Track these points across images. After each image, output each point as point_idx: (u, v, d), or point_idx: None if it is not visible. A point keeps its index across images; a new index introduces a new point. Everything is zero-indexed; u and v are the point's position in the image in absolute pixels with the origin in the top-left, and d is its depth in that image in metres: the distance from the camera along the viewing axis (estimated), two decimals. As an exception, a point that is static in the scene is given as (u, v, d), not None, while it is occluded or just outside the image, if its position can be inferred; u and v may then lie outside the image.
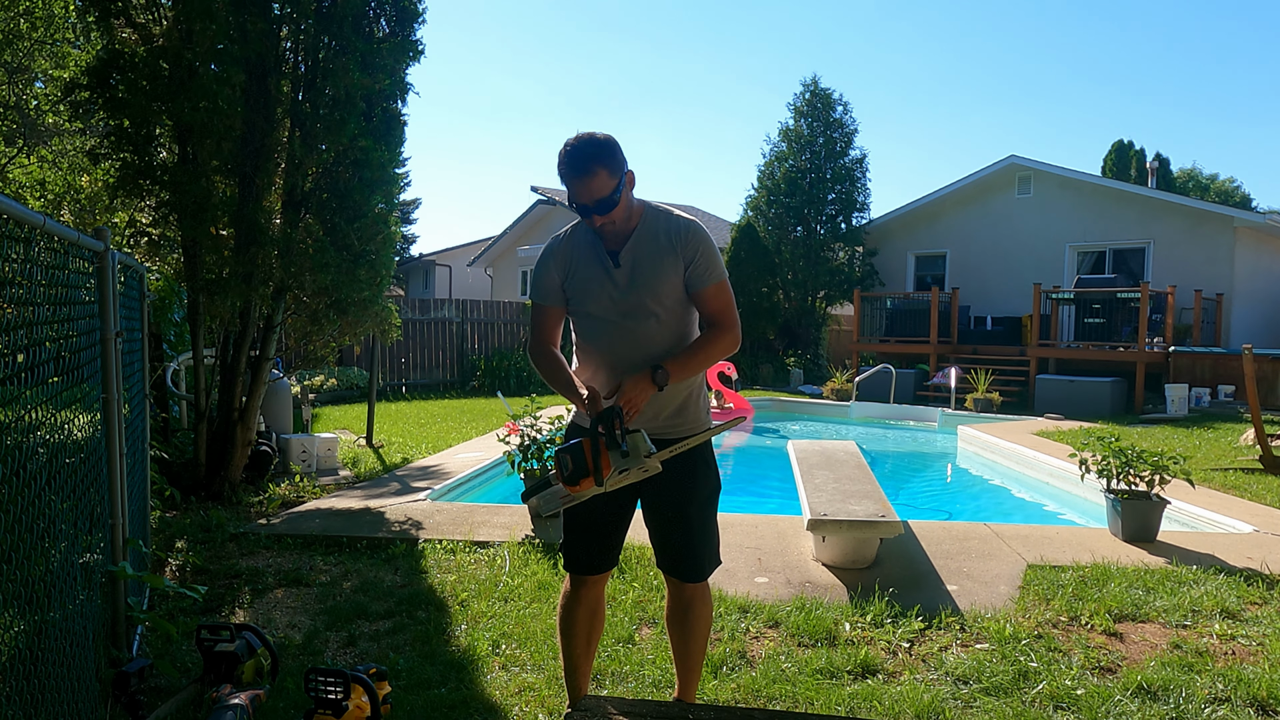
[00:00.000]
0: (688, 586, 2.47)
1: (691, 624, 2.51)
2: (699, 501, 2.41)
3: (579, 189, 2.17)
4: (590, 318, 2.37)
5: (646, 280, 2.29)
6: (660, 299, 2.30)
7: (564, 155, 2.17)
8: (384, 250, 6.25)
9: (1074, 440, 8.22)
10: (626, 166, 2.22)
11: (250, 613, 3.73)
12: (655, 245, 2.30)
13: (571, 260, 2.39)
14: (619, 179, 2.19)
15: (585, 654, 2.57)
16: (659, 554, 2.50)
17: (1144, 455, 4.82)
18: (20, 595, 1.96)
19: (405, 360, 15.67)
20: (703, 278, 2.31)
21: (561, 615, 2.54)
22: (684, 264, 2.30)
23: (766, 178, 18.75)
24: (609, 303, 2.32)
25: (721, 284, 2.33)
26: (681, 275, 2.31)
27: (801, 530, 4.91)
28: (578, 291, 2.37)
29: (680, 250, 2.30)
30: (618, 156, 2.19)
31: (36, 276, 2.22)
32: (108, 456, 3.00)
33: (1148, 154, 28.92)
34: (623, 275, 2.31)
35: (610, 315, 2.33)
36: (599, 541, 2.47)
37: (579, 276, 2.37)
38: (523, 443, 5.36)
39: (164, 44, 5.32)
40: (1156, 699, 2.91)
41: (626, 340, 2.32)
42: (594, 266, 2.35)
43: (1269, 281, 15.59)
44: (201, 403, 5.90)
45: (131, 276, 4.02)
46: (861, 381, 13.81)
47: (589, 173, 2.15)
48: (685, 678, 2.60)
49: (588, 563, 2.48)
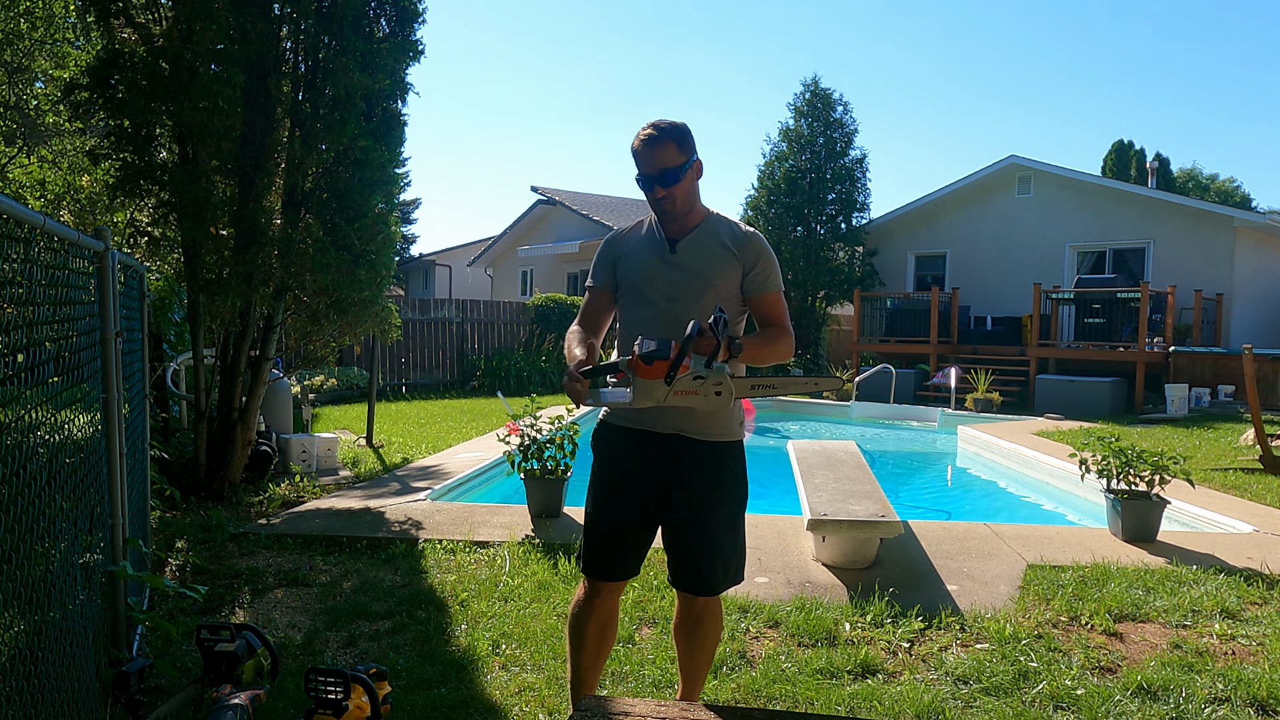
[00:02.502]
0: (699, 600, 2.40)
1: (700, 639, 2.45)
2: (722, 513, 2.33)
3: (647, 157, 2.23)
4: (637, 301, 2.36)
5: (701, 269, 2.31)
6: (714, 289, 2.30)
7: (642, 130, 2.26)
8: (384, 250, 6.25)
9: (1074, 440, 8.22)
10: (697, 154, 2.30)
11: (250, 613, 3.73)
12: (716, 243, 2.33)
13: (628, 245, 2.43)
14: (687, 159, 2.27)
15: (593, 666, 2.48)
16: (673, 568, 2.40)
17: (1144, 455, 4.82)
18: (20, 595, 1.95)
19: (405, 360, 15.67)
20: (764, 284, 2.35)
21: (571, 623, 2.46)
22: (743, 268, 2.33)
23: (766, 177, 18.74)
24: (659, 286, 2.32)
25: (780, 293, 2.37)
26: (738, 277, 2.33)
27: (801, 530, 4.91)
28: (629, 273, 2.38)
29: (740, 255, 2.32)
30: (690, 139, 2.29)
31: (36, 276, 2.22)
32: (108, 456, 3.00)
33: (1148, 154, 28.92)
34: (678, 261, 2.32)
35: (658, 299, 2.32)
36: (624, 543, 2.37)
37: (633, 259, 2.39)
38: (523, 443, 5.36)
39: (164, 44, 5.32)
40: (1156, 699, 2.91)
41: (670, 324, 2.26)
42: (650, 251, 2.37)
43: (1269, 281, 15.59)
44: (201, 403, 5.90)
45: (131, 276, 4.02)
46: (861, 381, 13.81)
47: (660, 142, 2.23)
48: (689, 685, 2.56)
49: (607, 566, 2.38)
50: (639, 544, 2.40)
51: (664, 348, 1.96)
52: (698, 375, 1.96)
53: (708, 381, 1.97)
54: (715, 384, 1.98)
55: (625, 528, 2.37)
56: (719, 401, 2.02)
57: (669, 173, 2.23)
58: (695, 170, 2.31)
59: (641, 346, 1.98)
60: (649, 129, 2.25)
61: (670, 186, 2.25)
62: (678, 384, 1.95)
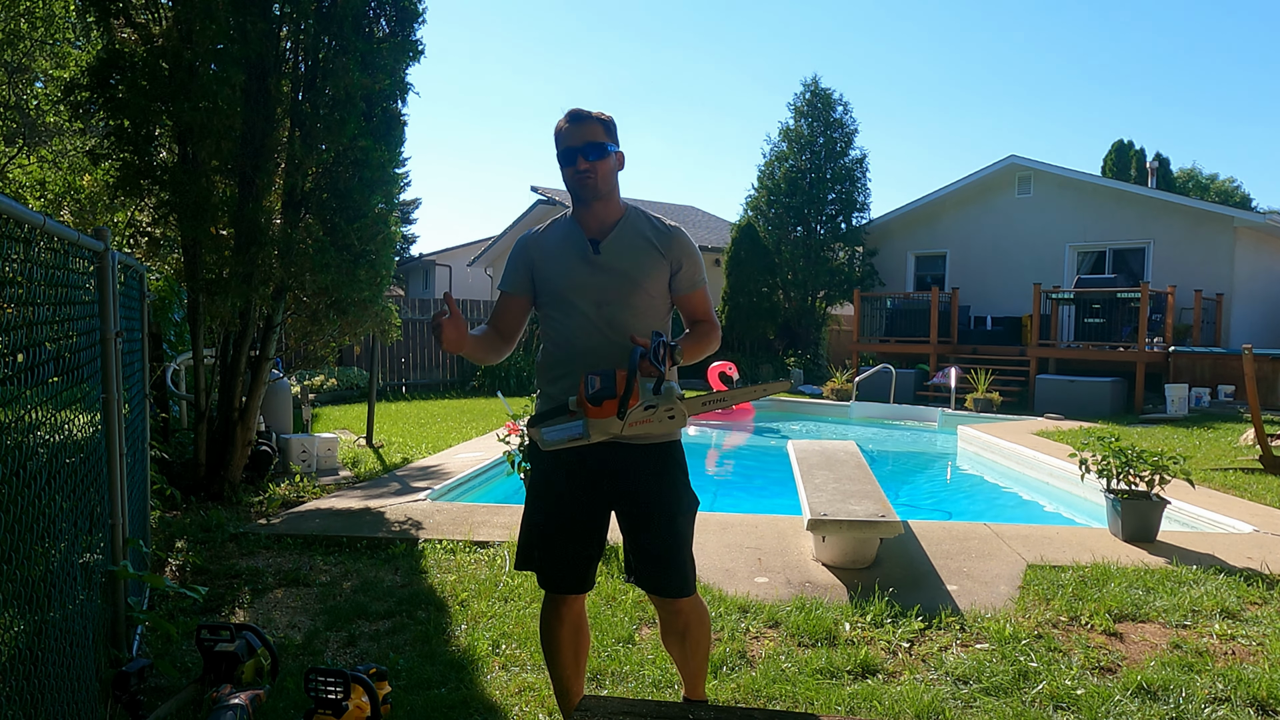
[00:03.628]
0: (680, 605, 2.33)
1: (692, 642, 2.40)
2: (682, 511, 2.29)
3: (573, 132, 2.23)
4: (563, 308, 2.28)
5: (628, 270, 2.26)
6: (643, 290, 2.27)
7: (566, 113, 2.27)
8: (384, 250, 6.25)
9: (1074, 440, 8.22)
10: (619, 147, 2.31)
11: (250, 613, 3.73)
12: (639, 239, 2.29)
13: (546, 247, 2.34)
14: (612, 141, 2.27)
15: (575, 673, 2.44)
16: (641, 573, 2.31)
17: (1144, 455, 4.82)
18: (20, 595, 1.95)
19: (405, 360, 15.67)
20: (693, 282, 2.35)
21: (543, 635, 2.41)
22: (670, 265, 2.30)
23: (767, 178, 18.74)
24: (586, 291, 2.25)
25: (705, 287, 2.40)
26: (665, 275, 2.31)
27: (801, 530, 4.91)
28: (551, 278, 2.30)
29: (666, 253, 2.29)
30: (615, 131, 2.30)
31: (36, 276, 2.22)
32: (108, 456, 2.99)
33: (1148, 154, 28.91)
34: (602, 263, 2.26)
35: (586, 304, 2.26)
36: (572, 556, 2.31)
37: (554, 263, 2.30)
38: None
39: (164, 44, 5.33)
40: (1156, 699, 2.91)
41: (601, 329, 2.24)
42: (571, 254, 2.29)
43: (1269, 281, 15.59)
44: (201, 403, 5.90)
45: (131, 276, 4.02)
46: (861, 381, 13.81)
47: (587, 120, 2.24)
48: (691, 684, 2.53)
49: (559, 581, 2.34)
50: (594, 554, 2.35)
51: (609, 385, 1.95)
52: (649, 405, 1.96)
53: (659, 409, 1.98)
54: (667, 410, 1.99)
55: (576, 540, 2.31)
56: (673, 424, 2.04)
57: (594, 145, 2.21)
58: (618, 159, 2.29)
59: (588, 385, 1.97)
60: (576, 109, 2.26)
61: (594, 161, 2.21)
62: (630, 415, 1.95)
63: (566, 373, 2.26)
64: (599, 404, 1.95)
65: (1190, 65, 76.42)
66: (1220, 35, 73.84)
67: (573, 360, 2.25)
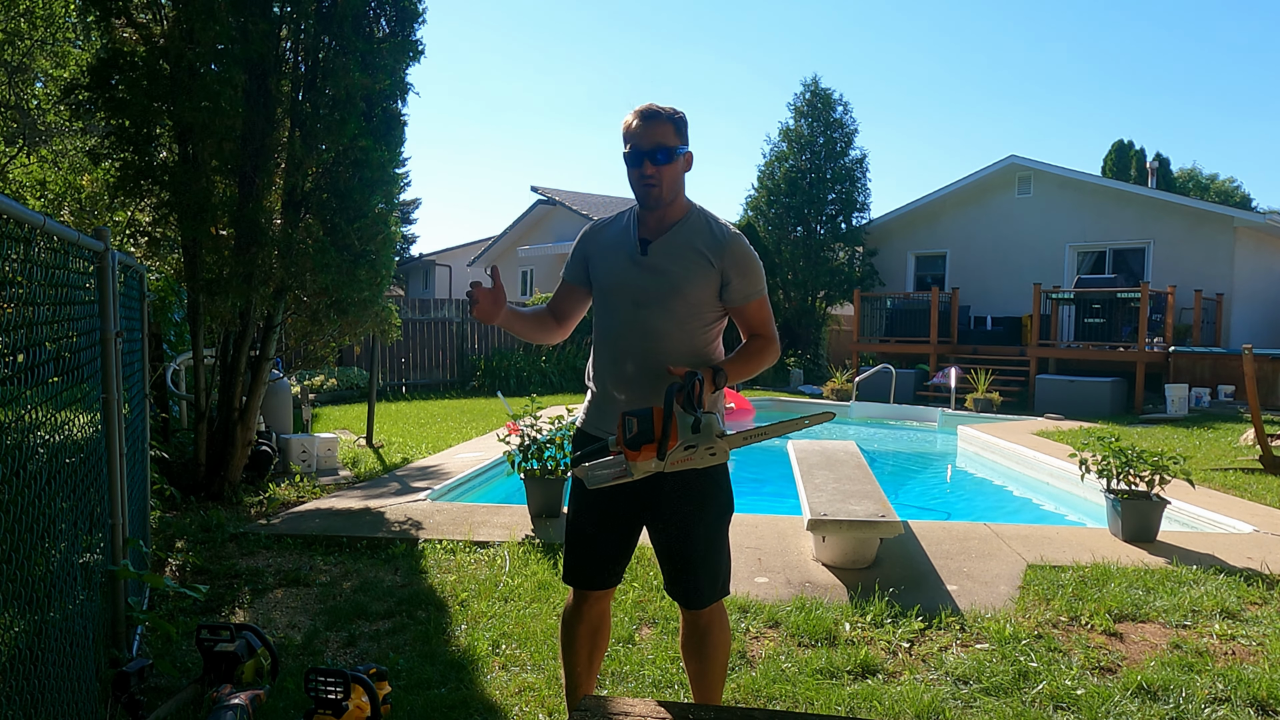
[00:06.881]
0: (703, 613, 2.31)
1: (709, 652, 2.34)
2: (707, 520, 2.26)
3: (643, 133, 2.14)
4: (606, 304, 2.30)
5: (671, 273, 2.21)
6: (683, 296, 2.21)
7: (639, 107, 2.19)
8: (384, 250, 6.25)
9: (1074, 440, 8.22)
10: (690, 147, 2.23)
11: (250, 613, 3.73)
12: (690, 248, 2.21)
13: (601, 242, 2.35)
14: (682, 143, 2.20)
15: (587, 672, 2.44)
16: (667, 579, 2.34)
17: (1144, 455, 4.82)
18: (20, 595, 1.95)
19: (405, 360, 15.67)
20: (745, 294, 2.25)
21: (563, 629, 2.45)
22: (720, 276, 2.22)
23: (767, 178, 18.75)
24: (627, 289, 2.24)
25: (765, 298, 2.29)
26: (713, 285, 2.23)
27: (801, 530, 4.91)
28: (599, 274, 2.32)
29: (717, 262, 2.20)
30: (686, 129, 2.22)
31: (36, 276, 2.22)
32: (108, 456, 2.99)
33: (1148, 154, 28.93)
34: (648, 264, 2.23)
35: (624, 304, 2.25)
36: (601, 558, 2.33)
37: (604, 259, 2.31)
38: (523, 443, 5.36)
39: (165, 44, 5.32)
40: (1156, 699, 2.91)
41: (637, 330, 2.22)
42: (620, 252, 2.28)
43: (1269, 281, 15.59)
44: (201, 403, 5.90)
45: (131, 276, 4.01)
46: (861, 381, 13.81)
47: (659, 119, 2.15)
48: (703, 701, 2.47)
49: (587, 578, 2.36)
50: (620, 555, 2.35)
51: (646, 428, 1.93)
52: (688, 445, 1.94)
53: (699, 449, 1.96)
54: (708, 449, 1.96)
55: (606, 540, 2.32)
56: (714, 460, 2.01)
57: (663, 150, 2.14)
58: (686, 160, 2.22)
59: (626, 429, 1.95)
60: (648, 106, 2.17)
61: (661, 166, 2.14)
62: (671, 455, 1.93)
63: (602, 369, 2.30)
64: (637, 449, 1.92)
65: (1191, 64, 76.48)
66: (1221, 35, 73.90)
67: (608, 354, 2.28)
